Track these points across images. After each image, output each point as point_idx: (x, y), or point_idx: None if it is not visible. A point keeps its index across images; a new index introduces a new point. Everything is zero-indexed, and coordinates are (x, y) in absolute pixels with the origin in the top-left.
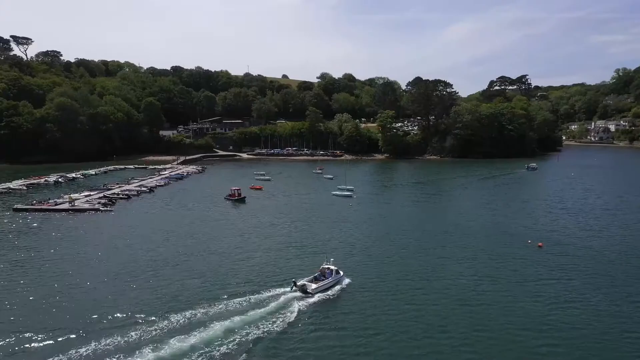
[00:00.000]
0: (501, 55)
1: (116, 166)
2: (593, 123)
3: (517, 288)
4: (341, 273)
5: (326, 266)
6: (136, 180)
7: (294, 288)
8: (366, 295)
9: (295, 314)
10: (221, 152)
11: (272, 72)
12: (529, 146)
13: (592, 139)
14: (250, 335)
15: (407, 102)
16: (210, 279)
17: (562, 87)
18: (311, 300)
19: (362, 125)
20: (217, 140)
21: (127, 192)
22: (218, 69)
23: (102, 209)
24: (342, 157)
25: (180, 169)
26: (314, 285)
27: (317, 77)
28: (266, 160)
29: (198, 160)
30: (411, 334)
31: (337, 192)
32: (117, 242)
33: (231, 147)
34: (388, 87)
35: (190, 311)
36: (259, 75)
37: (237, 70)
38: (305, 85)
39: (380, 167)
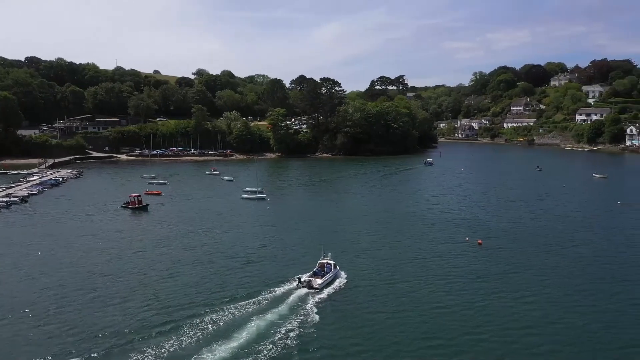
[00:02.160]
0: (370, 56)
1: None
2: (459, 121)
3: (480, 288)
4: (337, 267)
5: (324, 260)
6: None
7: (299, 284)
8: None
9: (309, 311)
10: (96, 154)
11: (141, 67)
12: (412, 143)
13: (460, 136)
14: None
15: (296, 100)
16: (147, 301)
17: (426, 88)
18: (320, 295)
19: (252, 124)
20: (90, 140)
21: None
22: (84, 62)
23: None
24: (233, 157)
25: (52, 174)
26: (319, 281)
27: (194, 73)
28: (150, 162)
29: (69, 163)
30: (412, 339)
31: (247, 195)
32: None
33: (107, 148)
34: (277, 85)
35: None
36: (132, 69)
37: (105, 64)
38: (185, 82)
39: (275, 166)
